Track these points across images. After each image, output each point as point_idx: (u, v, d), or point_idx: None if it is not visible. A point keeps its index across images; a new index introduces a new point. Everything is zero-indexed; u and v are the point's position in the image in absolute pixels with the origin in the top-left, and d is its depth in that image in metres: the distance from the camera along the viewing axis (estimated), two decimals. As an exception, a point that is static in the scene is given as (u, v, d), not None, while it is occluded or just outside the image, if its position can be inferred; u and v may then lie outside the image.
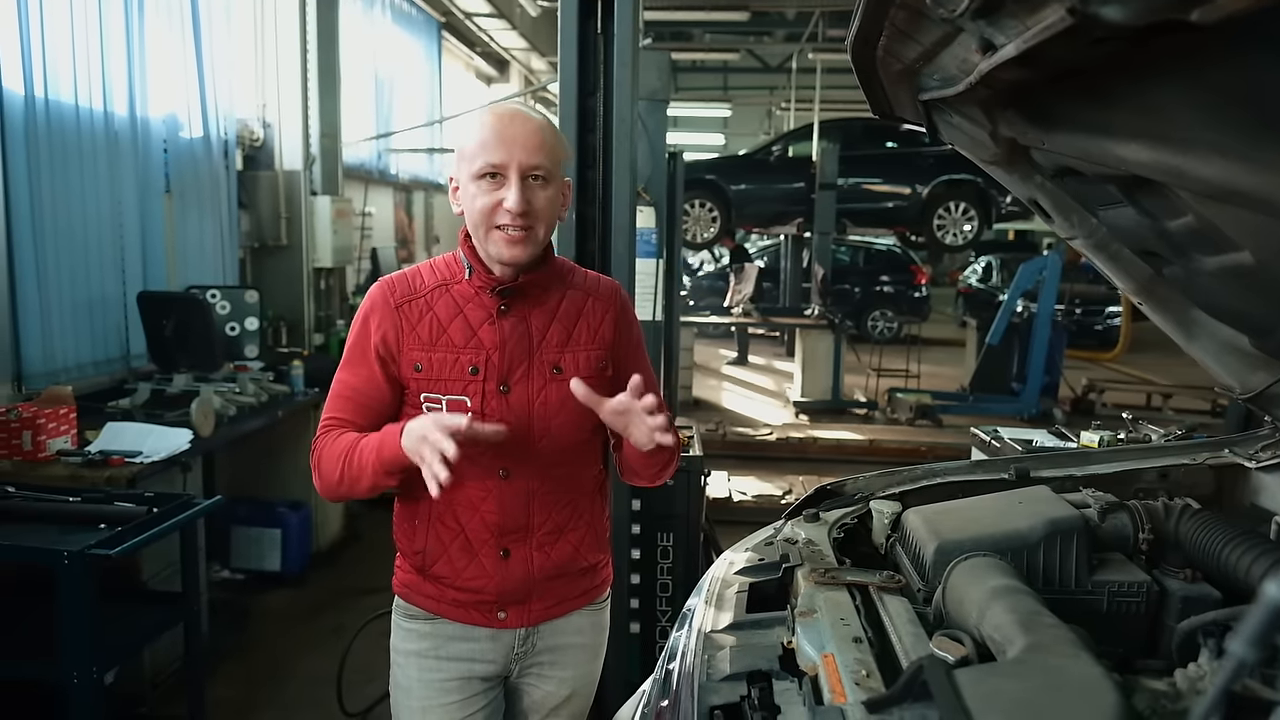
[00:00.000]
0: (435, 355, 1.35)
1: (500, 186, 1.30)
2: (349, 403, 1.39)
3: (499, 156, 1.29)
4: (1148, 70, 0.83)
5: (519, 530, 1.39)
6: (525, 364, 1.37)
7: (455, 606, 1.43)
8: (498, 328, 1.36)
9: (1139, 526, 1.30)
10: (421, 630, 1.45)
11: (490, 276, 1.36)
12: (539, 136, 1.31)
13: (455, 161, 1.36)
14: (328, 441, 1.38)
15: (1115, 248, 1.39)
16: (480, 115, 1.35)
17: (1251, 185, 0.81)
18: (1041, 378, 7.28)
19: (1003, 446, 2.93)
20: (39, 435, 2.72)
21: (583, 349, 1.41)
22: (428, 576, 1.43)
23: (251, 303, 3.90)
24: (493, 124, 1.31)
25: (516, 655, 1.46)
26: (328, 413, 1.41)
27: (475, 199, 1.31)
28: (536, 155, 1.30)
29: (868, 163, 9.29)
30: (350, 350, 1.40)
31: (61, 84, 3.33)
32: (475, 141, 1.31)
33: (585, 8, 2.31)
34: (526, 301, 1.38)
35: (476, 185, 1.31)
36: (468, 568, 1.40)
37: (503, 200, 1.29)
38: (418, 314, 1.37)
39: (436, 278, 1.40)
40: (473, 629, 1.43)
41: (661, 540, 2.81)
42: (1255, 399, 1.36)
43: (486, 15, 8.28)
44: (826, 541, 1.44)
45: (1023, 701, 0.82)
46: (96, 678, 2.10)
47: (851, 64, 1.27)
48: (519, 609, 1.43)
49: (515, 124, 1.31)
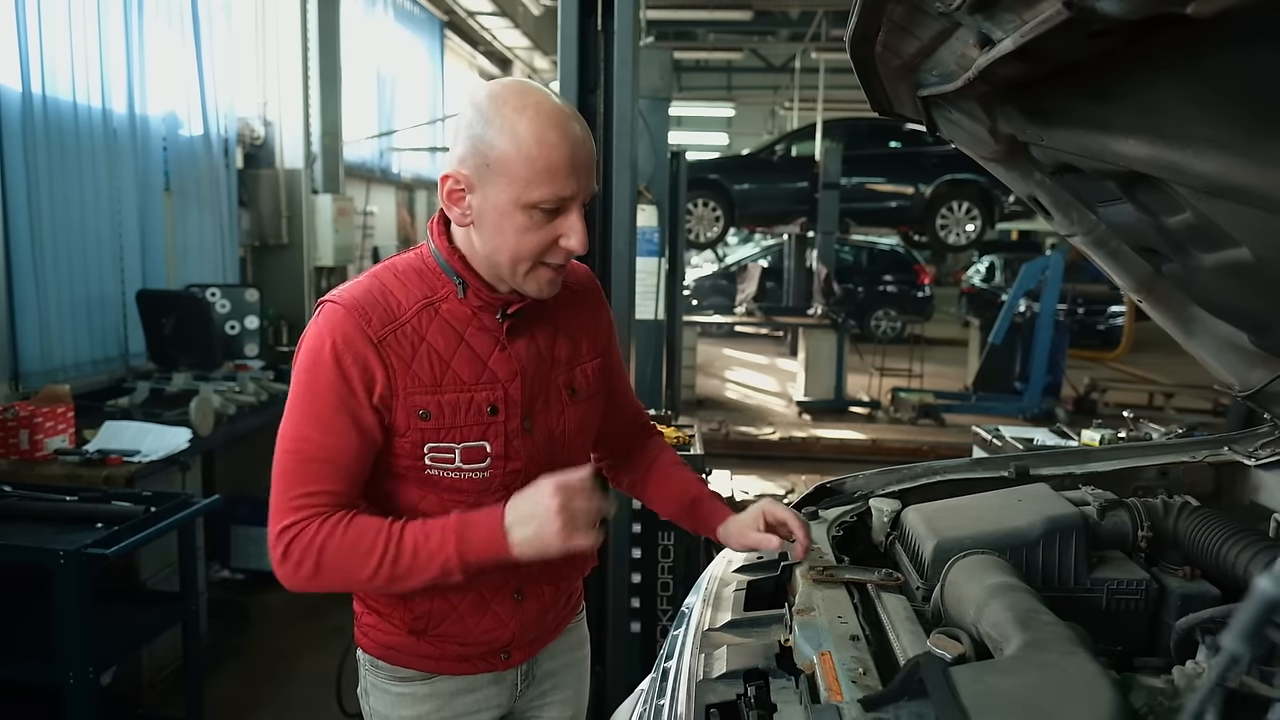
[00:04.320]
0: (445, 398, 1.10)
1: (554, 218, 1.06)
2: (327, 468, 1.07)
3: (570, 189, 1.04)
4: (1145, 65, 0.82)
5: (536, 567, 1.16)
6: (545, 392, 1.18)
7: (459, 661, 1.24)
8: (510, 354, 1.14)
9: (1138, 524, 1.29)
10: (419, 693, 1.24)
11: (493, 294, 1.12)
12: (593, 152, 1.08)
13: (479, 167, 1.04)
14: (329, 529, 1.05)
15: (1115, 245, 1.39)
16: (539, 126, 1.03)
17: (1249, 180, 0.81)
18: (1044, 377, 7.28)
19: (1004, 445, 2.93)
20: (36, 434, 2.71)
21: (589, 361, 1.24)
22: (427, 638, 1.22)
23: (252, 301, 3.90)
24: (560, 143, 1.03)
25: (520, 692, 1.33)
26: (295, 488, 1.06)
27: (525, 232, 1.05)
28: (595, 176, 1.09)
29: (871, 162, 9.29)
30: (312, 400, 1.07)
31: (59, 81, 3.33)
32: (538, 164, 1.02)
33: (585, 5, 2.30)
34: (528, 317, 1.16)
35: (528, 215, 1.05)
36: (480, 622, 1.21)
37: (560, 237, 1.07)
38: (409, 348, 1.09)
39: (414, 294, 1.11)
40: (475, 679, 1.26)
41: (662, 539, 2.81)
42: (1254, 396, 1.35)
43: (489, 14, 8.29)
44: (825, 539, 1.43)
45: (1019, 699, 0.82)
46: (93, 678, 2.10)
47: (850, 60, 1.27)
48: (525, 648, 1.30)
49: (580, 143, 1.05)
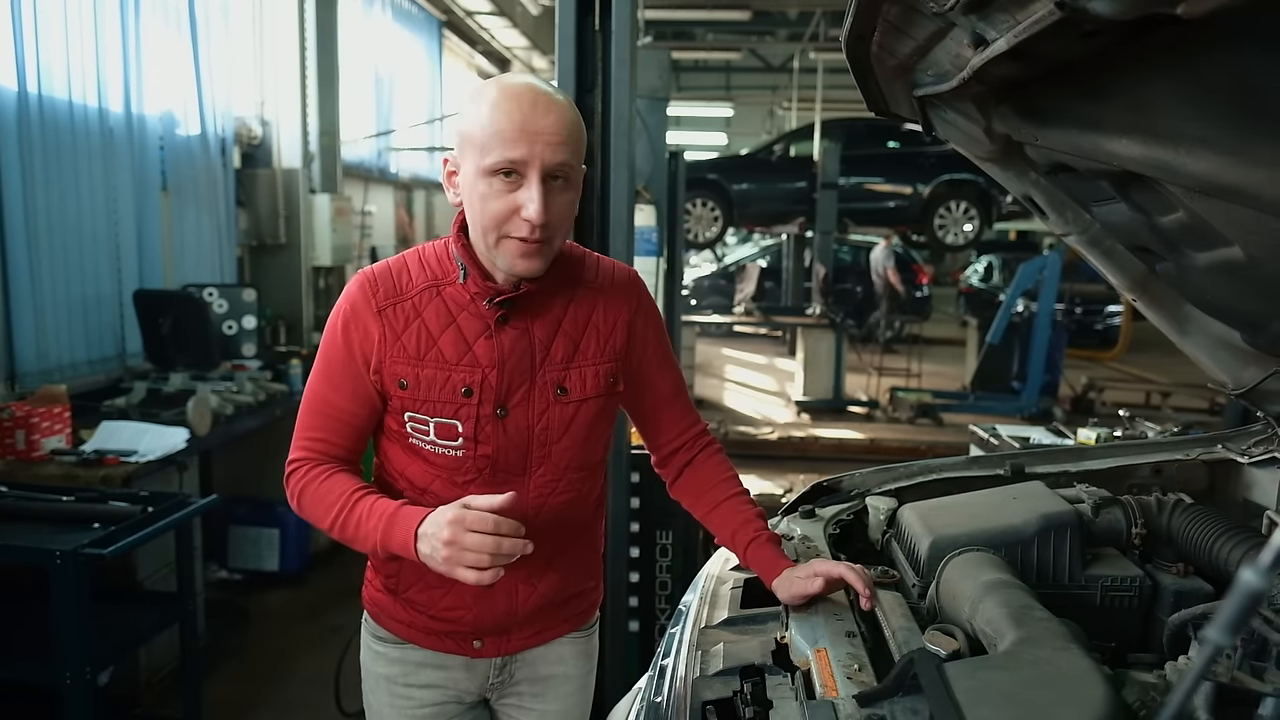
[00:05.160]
0: (424, 371, 1.17)
1: (517, 187, 1.09)
2: (330, 421, 1.21)
3: (520, 152, 1.07)
4: (1137, 65, 0.83)
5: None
6: (526, 384, 1.19)
7: (427, 634, 1.29)
8: (495, 343, 1.18)
9: (1132, 521, 1.30)
10: (390, 655, 1.32)
11: (488, 283, 1.17)
12: (566, 128, 1.09)
13: (458, 143, 1.13)
14: (312, 477, 1.20)
15: (1109, 244, 1.39)
16: (496, 94, 1.09)
17: (1240, 180, 0.81)
18: (1042, 377, 7.30)
19: (1001, 444, 2.93)
20: (33, 434, 2.71)
21: (590, 364, 1.23)
22: (400, 599, 1.28)
23: (249, 301, 3.90)
24: (513, 110, 1.07)
25: (493, 685, 1.34)
26: (304, 431, 1.22)
27: (486, 200, 1.10)
28: (562, 151, 1.09)
29: (869, 162, 9.31)
30: (327, 360, 1.21)
31: (55, 80, 3.32)
32: (490, 129, 1.07)
33: (583, 5, 2.31)
34: (528, 310, 1.19)
35: (487, 183, 1.09)
36: (445, 596, 1.25)
37: (520, 206, 1.09)
38: (403, 321, 1.17)
39: (426, 276, 1.20)
40: (446, 657, 1.30)
41: (660, 538, 2.82)
42: (1247, 394, 1.36)
43: (487, 13, 8.28)
44: (822, 538, 1.44)
45: (1012, 694, 0.82)
46: (90, 678, 2.10)
47: (846, 60, 1.27)
48: (497, 639, 1.30)
49: (539, 111, 1.08)
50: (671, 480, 1.40)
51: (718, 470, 1.36)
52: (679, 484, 1.39)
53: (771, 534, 1.29)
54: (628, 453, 2.50)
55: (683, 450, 1.37)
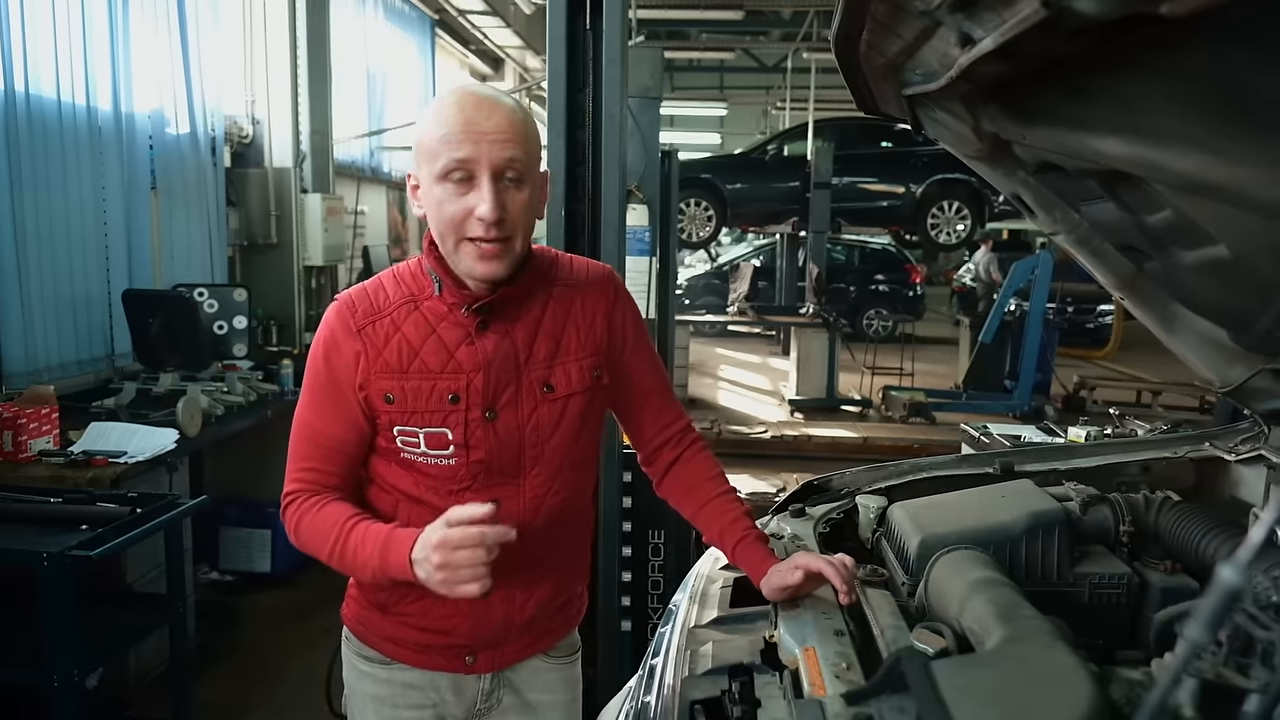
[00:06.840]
0: (408, 384, 1.18)
1: (469, 189, 1.11)
2: (320, 450, 1.22)
3: (465, 152, 1.10)
4: (1122, 64, 0.83)
5: (503, 566, 1.14)
6: (513, 386, 1.20)
7: (417, 651, 1.28)
8: (478, 347, 1.19)
9: (1120, 519, 1.31)
10: (377, 676, 1.30)
11: (463, 292, 1.18)
12: (512, 126, 1.12)
13: (415, 157, 1.16)
14: (307, 508, 1.21)
15: (1097, 243, 1.40)
16: (440, 102, 1.14)
17: (1224, 178, 0.81)
18: (1034, 375, 7.33)
19: (992, 442, 2.95)
20: (20, 435, 2.69)
21: (573, 359, 1.24)
22: (389, 614, 1.27)
23: (240, 301, 3.87)
24: (457, 113, 1.11)
25: (479, 711, 1.32)
26: (296, 462, 1.23)
27: (441, 205, 1.12)
28: (509, 149, 1.11)
29: (862, 162, 9.33)
30: (312, 389, 1.22)
31: (43, 78, 3.30)
32: (437, 134, 1.11)
33: (574, 4, 2.30)
34: (507, 314, 1.20)
35: (441, 188, 1.12)
36: (439, 606, 1.22)
37: (474, 207, 1.11)
38: (383, 336, 1.18)
39: (403, 292, 1.21)
40: (435, 676, 1.29)
41: (653, 538, 2.81)
42: (1234, 392, 1.36)
43: (480, 13, 8.27)
44: (812, 536, 1.44)
45: (998, 692, 0.82)
46: (78, 681, 2.09)
47: (835, 59, 1.27)
48: (491, 653, 1.29)
49: (483, 112, 1.11)
50: (658, 479, 1.40)
51: (704, 468, 1.36)
52: (665, 482, 1.39)
53: (759, 532, 1.29)
54: (620, 452, 2.49)
55: (668, 447, 1.37)
